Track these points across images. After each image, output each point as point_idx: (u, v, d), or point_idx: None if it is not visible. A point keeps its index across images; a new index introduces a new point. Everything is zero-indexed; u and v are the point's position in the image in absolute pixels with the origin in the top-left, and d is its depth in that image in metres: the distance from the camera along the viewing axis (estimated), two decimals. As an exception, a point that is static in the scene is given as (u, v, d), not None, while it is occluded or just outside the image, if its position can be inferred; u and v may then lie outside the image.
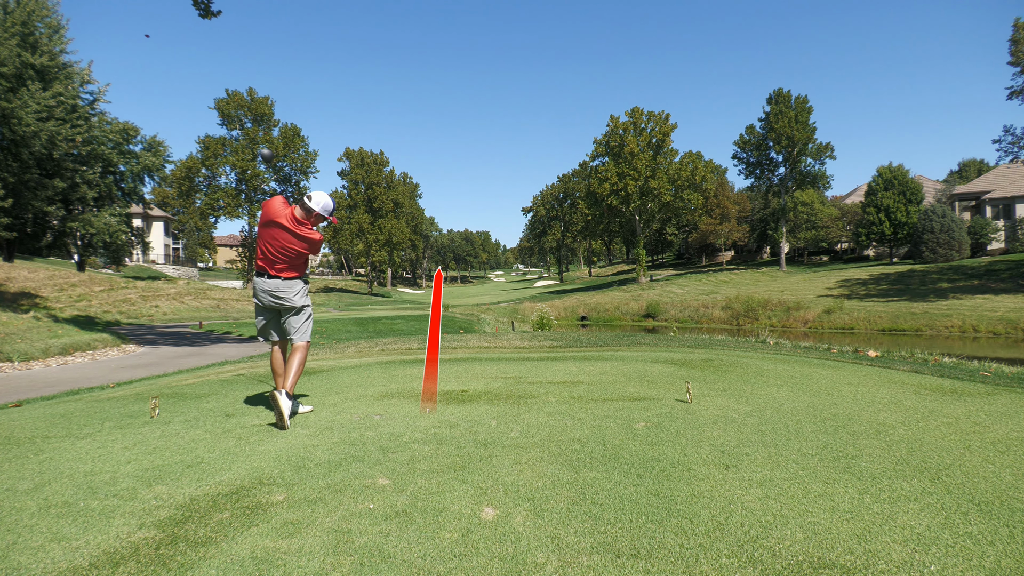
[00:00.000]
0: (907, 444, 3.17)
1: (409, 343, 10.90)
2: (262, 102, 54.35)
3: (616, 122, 52.74)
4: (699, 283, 47.34)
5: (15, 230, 21.62)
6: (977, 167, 72.95)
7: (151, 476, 2.92)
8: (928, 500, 2.38)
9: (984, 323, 25.19)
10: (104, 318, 22.29)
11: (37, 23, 21.29)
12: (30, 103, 18.81)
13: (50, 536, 2.24)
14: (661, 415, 3.97)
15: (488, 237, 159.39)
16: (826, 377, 5.33)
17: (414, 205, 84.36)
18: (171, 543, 2.15)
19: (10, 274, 24.36)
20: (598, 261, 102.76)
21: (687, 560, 1.93)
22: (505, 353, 8.44)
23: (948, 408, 4.02)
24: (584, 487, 2.62)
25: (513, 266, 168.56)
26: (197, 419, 4.22)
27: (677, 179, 51.38)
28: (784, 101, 51.93)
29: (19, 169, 19.73)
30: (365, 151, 73.12)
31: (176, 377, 7.50)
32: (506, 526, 2.23)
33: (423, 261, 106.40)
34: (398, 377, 5.94)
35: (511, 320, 29.26)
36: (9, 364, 10.87)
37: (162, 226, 59.34)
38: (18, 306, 19.02)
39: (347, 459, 3.11)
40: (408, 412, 4.25)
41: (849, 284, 37.77)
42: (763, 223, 58.15)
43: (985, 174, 50.78)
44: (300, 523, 2.29)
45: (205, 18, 13.72)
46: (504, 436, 3.52)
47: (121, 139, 25.72)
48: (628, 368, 6.24)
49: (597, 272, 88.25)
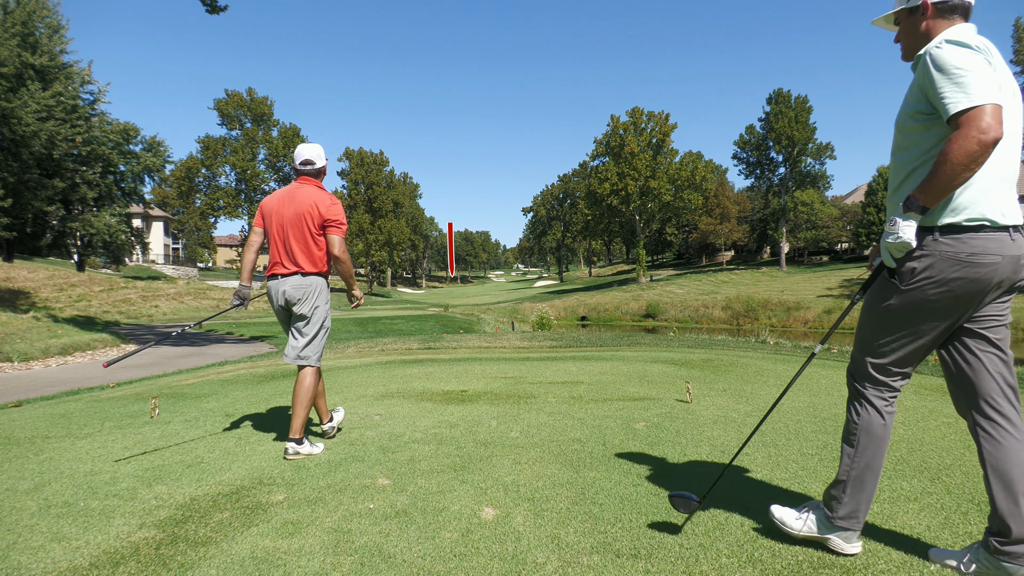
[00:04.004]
0: (907, 444, 3.17)
1: (409, 343, 10.90)
2: (262, 102, 54.38)
3: (616, 122, 52.76)
4: (699, 283, 47.36)
5: (15, 230, 21.62)
6: (977, 167, 72.87)
7: (151, 476, 2.92)
8: (928, 500, 2.38)
9: (984, 323, 25.18)
10: (104, 318, 22.28)
11: (37, 23, 21.30)
12: (30, 103, 18.82)
13: (50, 536, 2.24)
14: (661, 415, 3.97)
15: (488, 237, 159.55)
16: (826, 377, 5.34)
17: (414, 205, 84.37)
18: (171, 543, 2.15)
19: (10, 274, 24.36)
20: (598, 261, 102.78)
21: (687, 560, 1.93)
22: (505, 353, 8.44)
23: (948, 408, 4.03)
24: (584, 487, 2.62)
25: (513, 266, 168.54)
26: (197, 419, 4.22)
27: (677, 179, 51.38)
28: (784, 101, 51.96)
29: (19, 169, 19.74)
30: (365, 151, 73.13)
31: (176, 377, 7.50)
32: (506, 526, 2.23)
33: (423, 261, 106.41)
34: (398, 377, 5.94)
35: (511, 320, 29.26)
36: (9, 364, 10.87)
37: (162, 226, 59.33)
38: (18, 306, 19.02)
39: (347, 459, 3.11)
40: (408, 412, 4.25)
41: (849, 284, 37.78)
42: (763, 223, 58.15)
43: (985, 174, 50.76)
44: (300, 523, 2.29)
45: (212, 13, 13.63)
46: (504, 436, 3.52)
47: (121, 139, 25.72)
48: (628, 368, 6.24)
49: (597, 272, 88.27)
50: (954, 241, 1.67)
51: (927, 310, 1.74)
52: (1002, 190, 1.67)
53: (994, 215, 1.65)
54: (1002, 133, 1.53)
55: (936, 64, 1.63)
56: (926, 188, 1.62)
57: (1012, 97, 1.70)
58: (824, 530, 1.94)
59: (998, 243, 1.65)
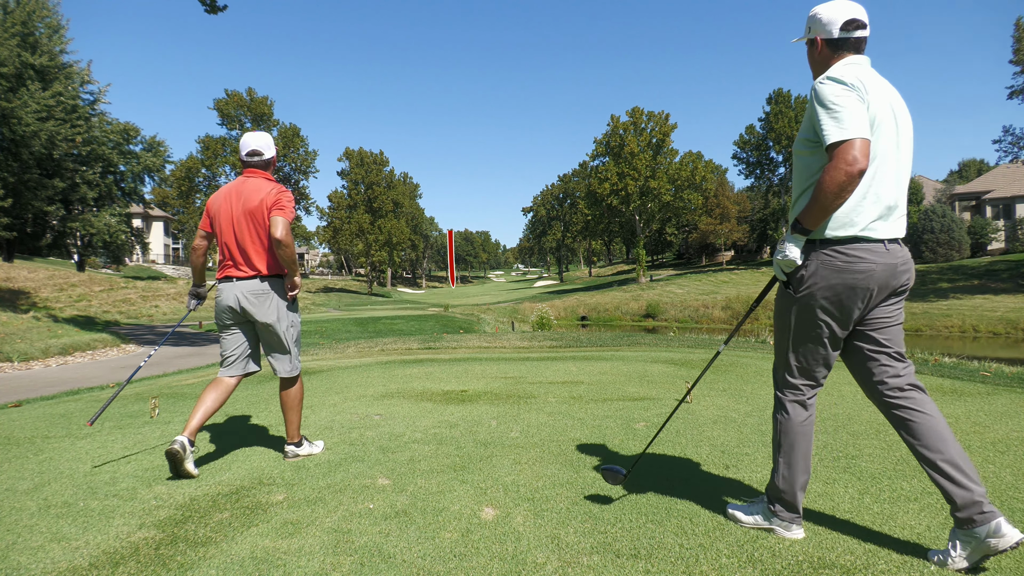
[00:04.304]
0: (907, 444, 3.17)
1: (409, 343, 10.89)
2: (261, 102, 54.37)
3: (616, 122, 52.71)
4: (699, 283, 47.33)
5: (15, 230, 21.62)
6: (977, 167, 72.94)
7: (151, 476, 2.92)
8: (928, 500, 2.38)
9: (984, 323, 25.19)
10: (104, 318, 22.28)
11: (37, 23, 21.30)
12: (30, 103, 18.82)
13: (50, 536, 2.24)
14: (661, 415, 3.97)
15: (488, 237, 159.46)
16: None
17: (414, 205, 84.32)
18: (171, 543, 2.15)
19: (10, 274, 24.35)
20: (598, 261, 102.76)
21: (687, 560, 1.93)
22: (505, 353, 8.44)
23: (948, 408, 4.02)
24: (584, 487, 2.62)
25: (513, 266, 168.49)
26: (197, 419, 4.21)
27: (677, 179, 51.33)
28: (784, 101, 51.94)
29: (19, 169, 19.74)
30: (365, 151, 73.07)
31: (176, 377, 7.50)
32: (506, 526, 2.23)
33: (423, 261, 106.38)
34: (398, 377, 5.94)
35: (511, 320, 29.25)
36: (9, 364, 10.87)
37: (162, 226, 59.32)
38: (18, 306, 19.02)
39: (347, 459, 3.11)
40: (408, 412, 4.25)
41: (849, 284, 37.76)
42: (763, 223, 58.11)
43: (985, 174, 50.76)
44: (300, 523, 2.29)
45: (211, 13, 13.57)
46: (504, 436, 3.52)
47: (121, 139, 25.72)
48: (628, 368, 6.24)
49: (597, 272, 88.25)
50: (834, 252, 1.90)
51: (819, 313, 1.95)
52: (876, 208, 1.89)
53: (866, 231, 1.88)
54: (866, 165, 1.76)
55: (818, 98, 1.85)
56: (807, 212, 1.87)
57: (891, 120, 1.90)
58: (768, 520, 2.13)
59: (872, 253, 1.88)
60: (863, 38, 1.99)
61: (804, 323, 1.99)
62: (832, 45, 2.01)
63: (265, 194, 3.01)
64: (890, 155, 1.90)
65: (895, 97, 1.95)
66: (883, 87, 1.92)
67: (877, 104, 1.87)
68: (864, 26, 1.99)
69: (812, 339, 2.00)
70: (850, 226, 1.88)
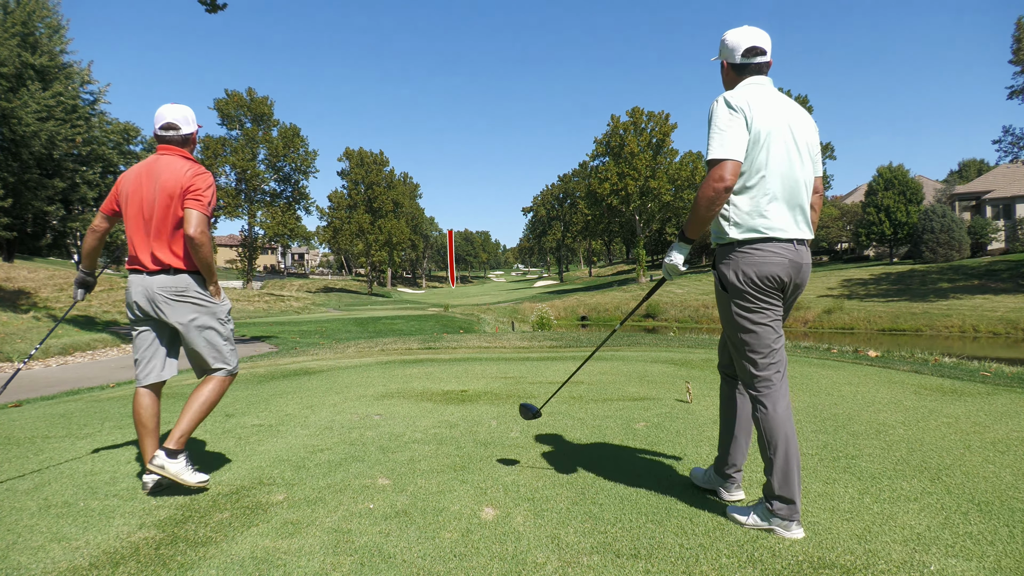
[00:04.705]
0: (907, 444, 3.17)
1: (409, 343, 10.89)
2: (261, 102, 54.34)
3: (616, 122, 52.72)
4: (699, 283, 47.32)
5: (15, 230, 21.62)
6: (977, 167, 72.89)
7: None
8: (928, 500, 2.38)
9: (984, 323, 25.18)
10: (104, 318, 22.28)
11: (37, 23, 21.28)
12: (30, 103, 18.81)
13: (50, 536, 2.24)
14: (661, 415, 3.97)
15: (488, 237, 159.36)
16: (826, 377, 5.33)
17: (414, 205, 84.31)
18: (171, 543, 2.15)
19: (10, 274, 24.35)
20: (598, 261, 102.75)
21: (687, 560, 1.93)
22: (505, 353, 8.44)
23: (948, 408, 4.03)
24: (584, 487, 2.62)
25: (513, 266, 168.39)
26: (197, 419, 4.21)
27: (677, 179, 51.33)
28: (784, 101, 51.90)
29: (19, 169, 19.73)
30: (365, 151, 73.07)
31: (176, 377, 7.50)
32: (506, 526, 2.23)
33: (423, 261, 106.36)
34: (398, 377, 5.94)
35: (511, 320, 29.26)
36: (9, 364, 10.87)
37: (162, 226, 59.26)
38: (18, 306, 19.02)
39: (347, 459, 3.11)
40: (408, 412, 4.25)
41: (849, 284, 37.77)
42: (763, 223, 58.05)
43: (985, 174, 50.75)
44: (300, 523, 2.29)
45: (211, 12, 13.52)
46: (504, 436, 3.52)
47: (122, 139, 25.71)
48: (628, 368, 6.24)
49: (597, 272, 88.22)
50: (750, 250, 2.10)
51: (750, 303, 2.12)
52: (784, 211, 2.10)
53: (774, 232, 2.08)
54: (733, 184, 2.00)
55: (710, 117, 2.09)
56: (688, 222, 2.09)
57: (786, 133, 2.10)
58: (767, 519, 2.14)
59: (783, 250, 2.09)
60: (764, 63, 2.21)
61: (744, 314, 2.13)
62: (736, 69, 2.24)
63: (181, 175, 2.67)
64: (784, 164, 2.10)
65: (794, 112, 2.16)
66: (777, 105, 2.12)
67: (767, 121, 2.07)
68: (764, 52, 2.20)
69: (757, 328, 2.13)
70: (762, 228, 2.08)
